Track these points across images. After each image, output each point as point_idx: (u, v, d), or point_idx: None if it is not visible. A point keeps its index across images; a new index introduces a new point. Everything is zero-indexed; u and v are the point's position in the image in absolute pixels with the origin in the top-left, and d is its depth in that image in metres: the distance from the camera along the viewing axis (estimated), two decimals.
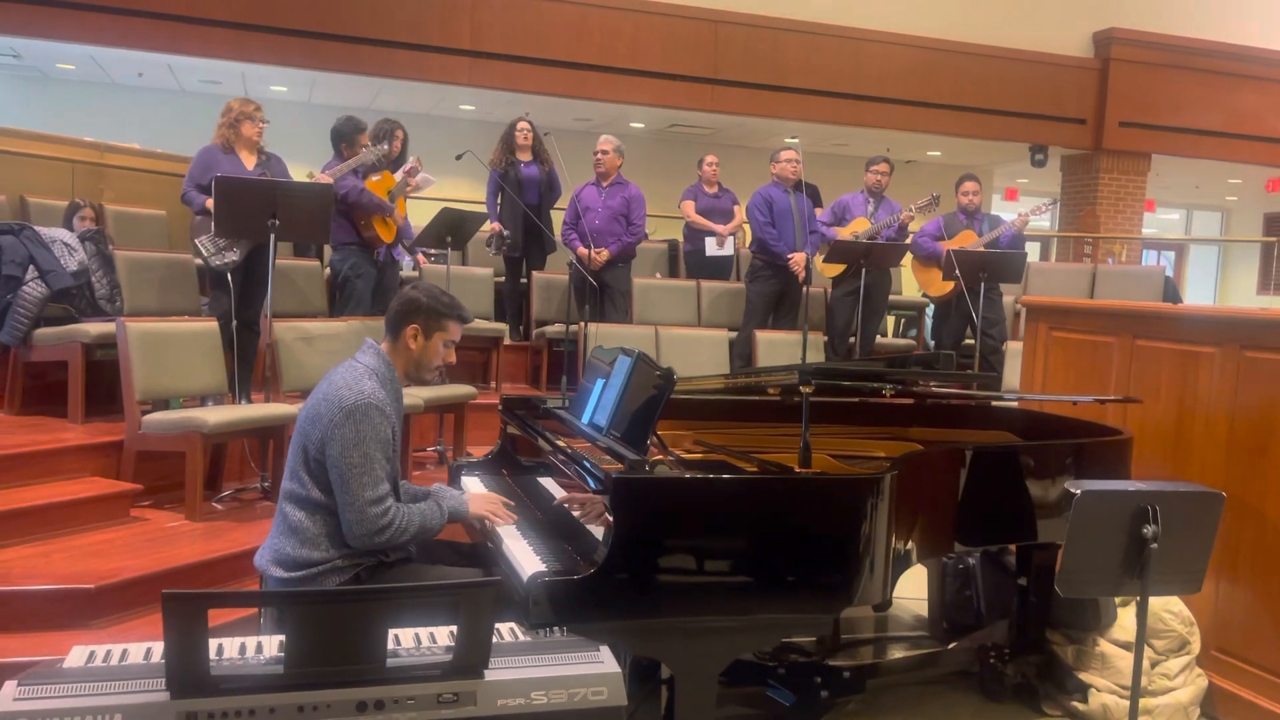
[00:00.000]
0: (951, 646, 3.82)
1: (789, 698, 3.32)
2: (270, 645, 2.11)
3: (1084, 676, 3.60)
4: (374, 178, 5.96)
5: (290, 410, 4.57)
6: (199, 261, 5.52)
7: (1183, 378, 3.84)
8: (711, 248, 7.75)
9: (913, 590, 4.13)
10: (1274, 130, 11.97)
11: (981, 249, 6.86)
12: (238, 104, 5.33)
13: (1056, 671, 3.68)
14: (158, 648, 2.02)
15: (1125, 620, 3.65)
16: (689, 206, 7.82)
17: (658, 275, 8.26)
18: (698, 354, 6.55)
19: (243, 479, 4.96)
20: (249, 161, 5.30)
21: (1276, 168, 12.84)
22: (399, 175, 6.10)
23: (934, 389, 3.75)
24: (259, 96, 6.58)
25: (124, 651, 2.06)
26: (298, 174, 5.79)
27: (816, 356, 6.78)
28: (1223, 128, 11.81)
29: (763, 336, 6.72)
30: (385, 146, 6.06)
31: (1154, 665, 3.55)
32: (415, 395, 5.09)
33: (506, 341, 7.25)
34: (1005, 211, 12.29)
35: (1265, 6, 12.03)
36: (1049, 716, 3.63)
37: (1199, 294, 17.60)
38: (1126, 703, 3.35)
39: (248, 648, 2.11)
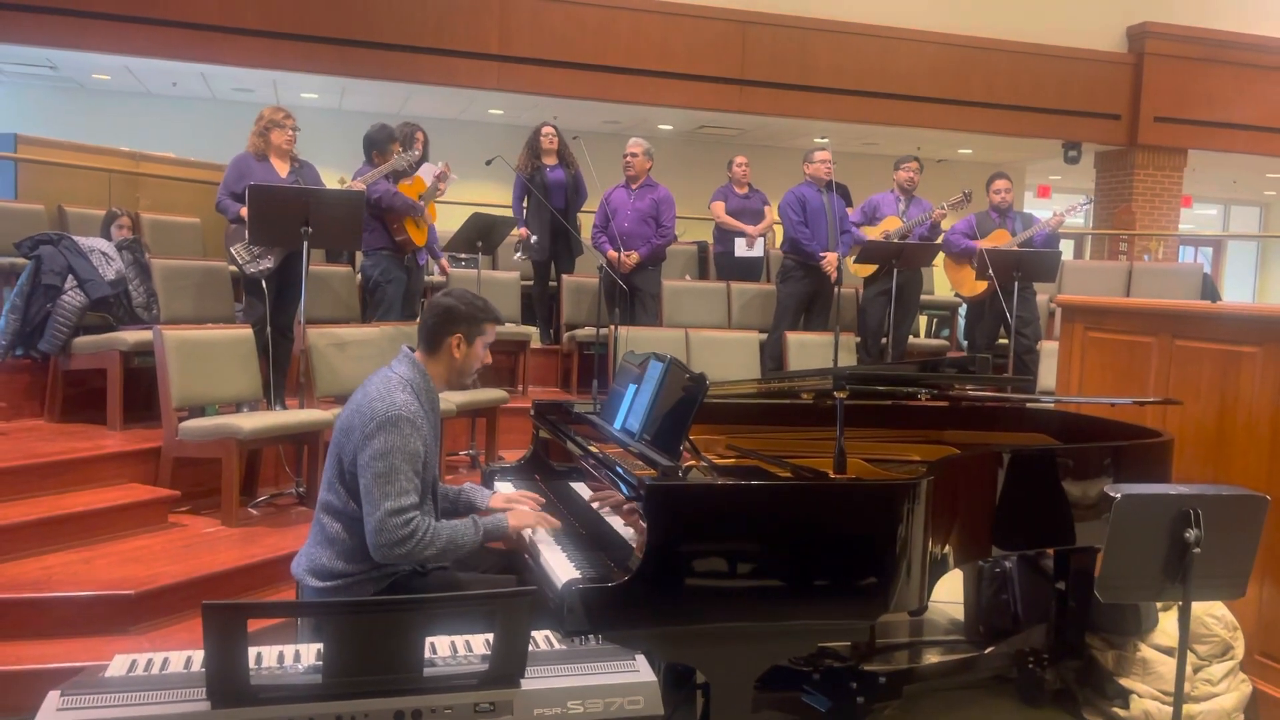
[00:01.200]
0: (989, 651, 3.77)
1: (824, 703, 3.29)
2: (308, 654, 2.12)
3: (1125, 682, 3.55)
4: (405, 182, 6.00)
5: (324, 416, 4.60)
6: (234, 269, 5.58)
7: (1223, 378, 3.78)
8: (741, 249, 7.73)
9: (949, 594, 4.09)
10: None
11: (1015, 248, 6.80)
12: (269, 112, 5.38)
13: (1096, 677, 3.63)
14: (198, 656, 2.04)
15: (1167, 625, 3.59)
16: (719, 208, 7.81)
17: (687, 277, 8.25)
18: (728, 356, 6.54)
19: (278, 484, 5.01)
20: (282, 169, 5.35)
21: None
22: (429, 180, 6.13)
23: (969, 392, 3.71)
24: (290, 103, 6.65)
25: (165, 660, 2.08)
26: (329, 180, 5.84)
27: (848, 358, 6.74)
28: (1260, 121, 11.62)
29: (794, 338, 6.69)
30: (416, 153, 6.10)
31: (1197, 671, 3.50)
32: (448, 400, 5.11)
33: (536, 345, 7.27)
34: (1038, 209, 12.16)
35: None
36: None
37: (1238, 291, 17.33)
38: (1169, 709, 3.31)
39: (286, 656, 2.12)
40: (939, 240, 7.16)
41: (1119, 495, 2.61)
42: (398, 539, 2.67)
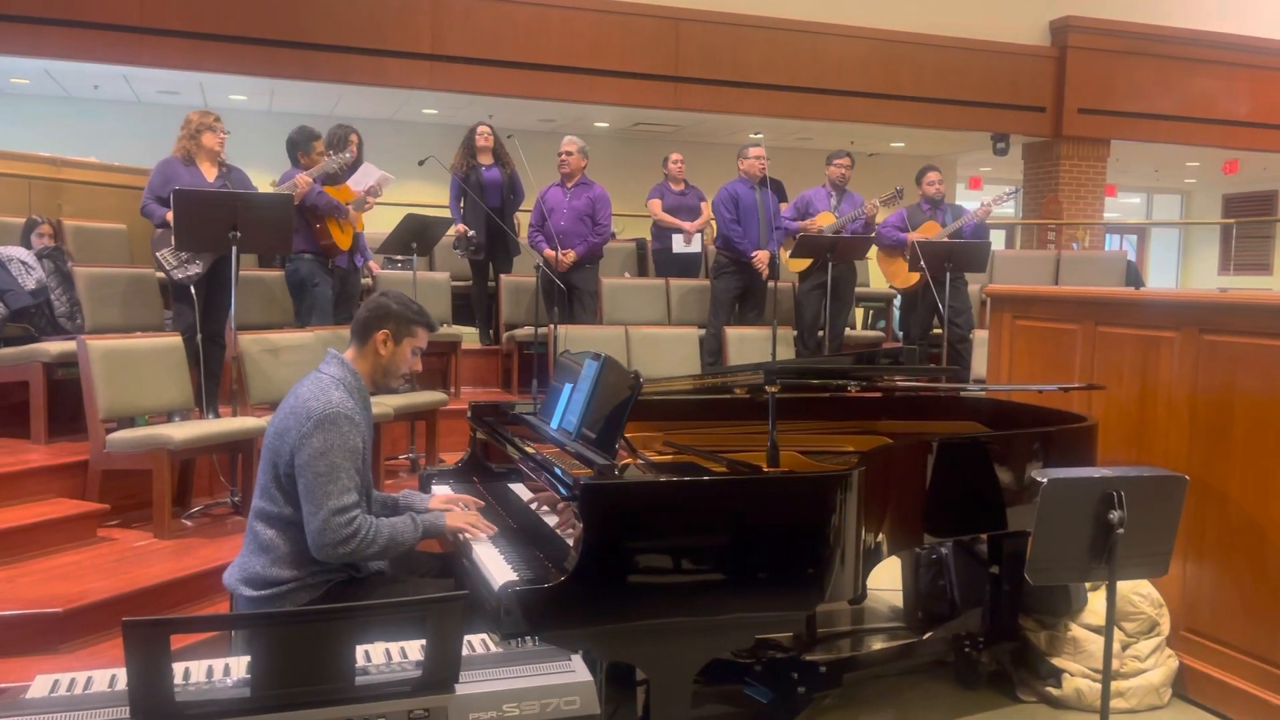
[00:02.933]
0: (927, 637, 3.84)
1: (766, 694, 3.32)
2: (238, 667, 2.08)
3: (1057, 662, 3.63)
4: (335, 187, 5.89)
5: (258, 423, 4.52)
6: (161, 275, 5.45)
7: (1144, 362, 3.89)
8: (679, 245, 7.76)
9: (888, 581, 4.16)
10: (1230, 113, 12.14)
11: (945, 239, 6.92)
12: (197, 116, 5.27)
13: (1030, 658, 3.71)
14: (122, 675, 1.99)
15: (1096, 604, 3.68)
16: (656, 205, 7.82)
17: (626, 275, 8.25)
18: (668, 352, 6.56)
19: (212, 494, 4.91)
20: (209, 173, 5.25)
21: (1233, 150, 13.03)
22: (359, 191, 6.01)
23: (901, 383, 3.76)
24: (218, 106, 6.52)
25: (88, 679, 2.03)
26: (260, 182, 5.72)
27: (786, 351, 6.80)
28: (1180, 112, 11.97)
29: (732, 333, 6.73)
30: (348, 154, 5.99)
31: (1125, 648, 3.60)
32: (386, 403, 5.06)
33: (475, 346, 7.22)
34: (970, 200, 12.38)
35: None
36: (1024, 703, 3.66)
37: (1162, 276, 17.84)
38: (1099, 686, 3.40)
39: (215, 670, 2.09)
40: (872, 234, 7.26)
41: (1046, 480, 2.68)
42: (342, 538, 2.66)
